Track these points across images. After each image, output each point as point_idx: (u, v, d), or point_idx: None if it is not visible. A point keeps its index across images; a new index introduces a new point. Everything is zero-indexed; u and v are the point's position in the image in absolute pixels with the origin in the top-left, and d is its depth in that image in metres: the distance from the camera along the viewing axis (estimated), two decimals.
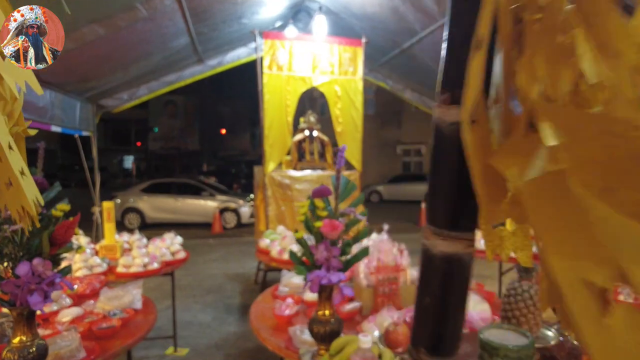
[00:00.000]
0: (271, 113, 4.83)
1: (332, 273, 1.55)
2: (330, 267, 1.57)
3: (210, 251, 8.42)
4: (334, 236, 1.58)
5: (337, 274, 1.54)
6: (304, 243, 1.67)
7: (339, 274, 1.54)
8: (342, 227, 1.60)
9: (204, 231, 12.25)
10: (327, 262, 1.57)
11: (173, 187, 13.76)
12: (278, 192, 4.90)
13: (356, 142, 5.21)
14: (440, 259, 0.65)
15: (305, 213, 1.65)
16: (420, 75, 6.45)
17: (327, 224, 1.59)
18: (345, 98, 5.13)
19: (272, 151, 4.87)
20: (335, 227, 1.57)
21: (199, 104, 42.39)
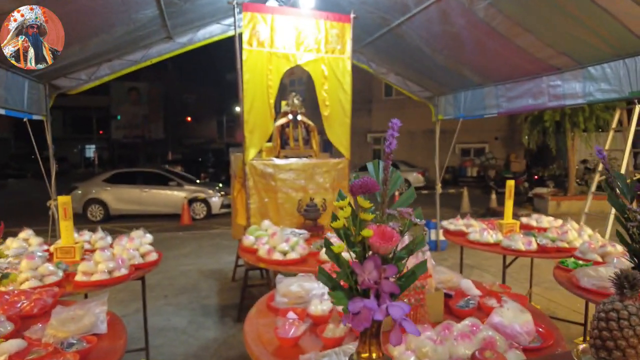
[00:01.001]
0: (251, 94, 4.26)
1: (388, 303, 1.06)
2: (381, 293, 1.09)
3: (180, 245, 7.78)
4: (387, 250, 1.09)
5: (399, 305, 1.05)
6: (342, 260, 1.17)
7: (401, 306, 1.05)
8: (398, 237, 1.11)
9: (172, 223, 11.54)
10: (377, 285, 1.08)
11: (138, 177, 12.92)
12: (260, 183, 4.36)
13: (344, 128, 4.73)
14: None
15: (345, 216, 1.15)
16: (407, 58, 6.01)
17: (379, 233, 1.09)
18: (332, 79, 4.61)
19: (252, 137, 4.32)
20: (390, 236, 1.08)
21: (163, 90, 40.70)
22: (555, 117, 9.99)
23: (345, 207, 1.13)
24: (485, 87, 5.84)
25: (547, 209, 10.46)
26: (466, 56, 5.29)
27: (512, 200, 4.42)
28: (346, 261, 1.15)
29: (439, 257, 6.79)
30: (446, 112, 6.83)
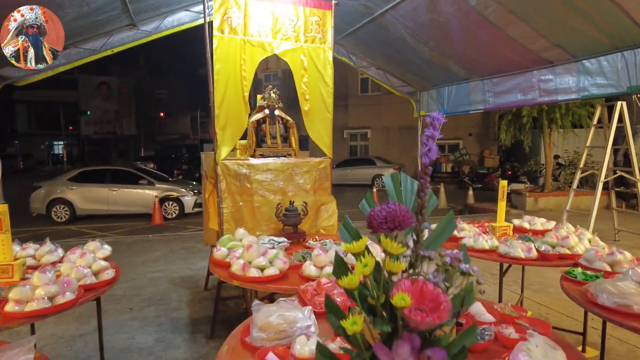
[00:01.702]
0: (223, 87, 3.78)
1: None
2: None
3: (150, 249, 7.21)
4: (432, 324, 0.67)
5: None
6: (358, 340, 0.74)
7: None
8: (449, 303, 0.69)
9: (143, 223, 10.90)
10: None
11: (107, 176, 12.17)
12: (234, 185, 3.89)
13: (326, 124, 4.30)
14: None
15: (365, 273, 0.72)
16: (390, 50, 5.62)
17: (416, 295, 0.67)
18: (312, 70, 4.18)
19: (225, 134, 3.84)
20: (436, 303, 0.66)
21: (135, 85, 39.35)
22: (532, 114, 9.84)
23: (366, 260, 0.70)
24: (471, 81, 5.51)
25: (524, 205, 10.33)
26: (453, 48, 4.94)
27: (504, 201, 4.11)
28: (361, 337, 0.72)
29: None
30: (429, 108, 6.49)
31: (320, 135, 4.29)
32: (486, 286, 5.31)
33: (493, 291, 5.14)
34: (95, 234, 9.91)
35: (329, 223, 4.22)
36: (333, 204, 4.27)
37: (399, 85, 6.55)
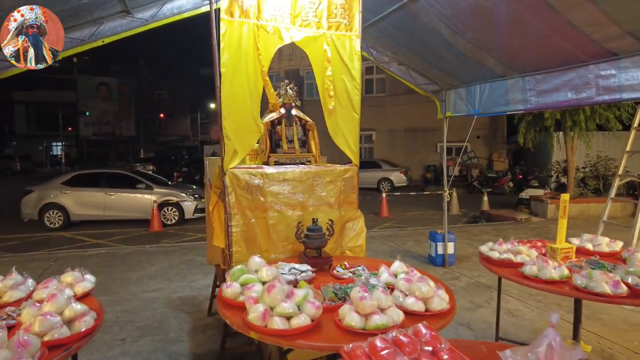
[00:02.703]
0: (232, 81, 3.11)
1: None
2: None
3: (146, 262, 6.53)
4: None
5: None
6: None
7: None
8: None
9: (141, 229, 10.25)
10: None
11: (102, 179, 11.51)
12: (244, 198, 3.22)
13: (352, 125, 3.63)
14: None
15: None
16: (417, 43, 4.96)
17: None
18: (337, 62, 3.51)
19: (236, 138, 3.17)
20: None
21: (135, 86, 38.65)
22: (555, 115, 9.19)
23: None
24: (509, 78, 4.85)
25: (545, 213, 9.68)
26: (494, 40, 4.28)
27: (566, 219, 3.45)
28: None
29: (449, 276, 5.80)
30: (456, 108, 5.83)
31: (345, 139, 3.62)
32: (525, 308, 4.65)
33: (532, 316, 4.48)
34: (89, 241, 9.26)
35: (356, 243, 3.56)
36: (361, 221, 3.60)
37: (423, 83, 5.89)
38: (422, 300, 2.26)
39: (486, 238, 8.05)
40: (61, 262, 6.47)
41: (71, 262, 6.48)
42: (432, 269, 6.07)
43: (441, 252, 6.18)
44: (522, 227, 9.03)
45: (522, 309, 4.67)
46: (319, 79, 3.55)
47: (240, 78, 3.17)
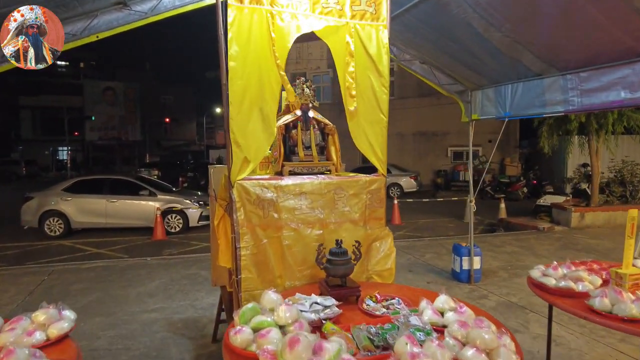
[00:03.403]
0: (243, 77, 2.63)
1: None
2: None
3: (146, 277, 6.04)
4: None
5: None
6: None
7: None
8: None
9: (144, 237, 9.82)
10: None
11: (104, 186, 11.07)
12: (255, 215, 2.73)
13: (378, 128, 3.14)
14: None
15: None
16: (444, 38, 4.46)
17: None
18: (361, 56, 3.02)
19: (246, 143, 2.68)
20: None
21: (140, 90, 38.36)
22: (580, 118, 8.66)
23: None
24: (546, 77, 4.34)
25: (569, 222, 9.11)
26: (536, 32, 3.78)
27: (634, 239, 2.92)
28: None
29: (476, 294, 5.27)
30: (483, 110, 5.33)
31: (370, 144, 3.13)
32: (568, 335, 4.11)
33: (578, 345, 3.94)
34: (90, 250, 8.82)
35: (384, 266, 3.05)
36: (389, 240, 3.10)
37: (447, 83, 5.39)
38: (485, 352, 1.75)
39: (510, 249, 7.52)
40: (55, 277, 6.00)
41: (66, 277, 6.03)
42: (457, 286, 5.55)
43: (466, 267, 5.65)
44: (546, 237, 8.47)
45: (565, 335, 4.14)
46: (340, 75, 3.06)
47: (251, 73, 2.69)
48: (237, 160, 2.70)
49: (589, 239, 8.15)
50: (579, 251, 7.29)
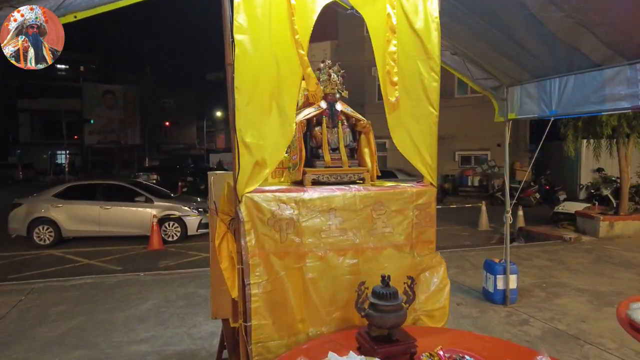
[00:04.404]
0: (254, 55, 1.94)
1: None
2: None
3: (137, 297, 5.31)
4: None
5: None
6: None
7: None
8: None
9: (139, 247, 9.13)
10: None
11: (98, 191, 10.37)
12: (269, 239, 2.03)
13: (426, 125, 2.42)
14: None
15: None
16: (484, 24, 3.76)
17: None
18: (405, 33, 2.34)
19: (259, 144, 1.98)
20: None
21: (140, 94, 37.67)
22: (612, 121, 7.98)
23: None
24: (607, 68, 3.65)
25: (597, 232, 8.40)
26: (608, 10, 3.09)
27: None
28: None
29: (516, 319, 4.54)
30: (523, 108, 4.63)
31: (415, 146, 2.42)
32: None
33: None
34: (81, 261, 8.12)
35: (436, 304, 2.33)
36: (442, 270, 2.39)
37: (481, 77, 4.71)
38: None
39: (539, 263, 6.80)
40: (35, 296, 5.27)
41: (46, 297, 5.30)
42: (491, 308, 4.83)
43: (501, 286, 4.93)
44: (575, 249, 7.76)
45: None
46: (378, 57, 2.36)
47: (265, 51, 1.99)
48: (246, 165, 1.99)
49: (623, 251, 7.43)
50: (617, 265, 6.57)
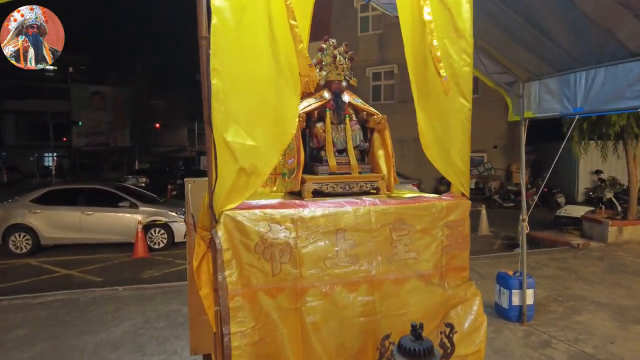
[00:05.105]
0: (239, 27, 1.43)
1: None
2: None
3: (114, 317, 4.73)
4: None
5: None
6: None
7: None
8: None
9: (123, 255, 8.55)
10: None
11: (80, 196, 9.74)
12: (257, 271, 1.51)
13: (456, 120, 1.92)
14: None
15: None
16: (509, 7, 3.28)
17: None
18: (435, 9, 1.84)
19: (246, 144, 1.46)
20: None
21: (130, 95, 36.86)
22: (620, 122, 7.57)
23: None
24: None
25: (605, 237, 7.97)
26: None
27: None
28: None
29: (536, 341, 4.05)
30: (541, 106, 4.15)
31: (443, 147, 1.92)
32: None
33: None
34: (58, 272, 7.52)
35: (470, 347, 1.82)
36: (477, 303, 1.88)
37: (494, 71, 4.23)
38: None
39: (550, 273, 6.33)
40: None
41: (9, 317, 4.70)
42: (506, 327, 4.34)
43: (517, 302, 4.44)
44: (585, 256, 7.31)
45: None
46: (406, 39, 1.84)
47: (255, 23, 1.47)
48: (227, 173, 1.47)
49: (636, 258, 7.01)
50: (632, 275, 6.13)
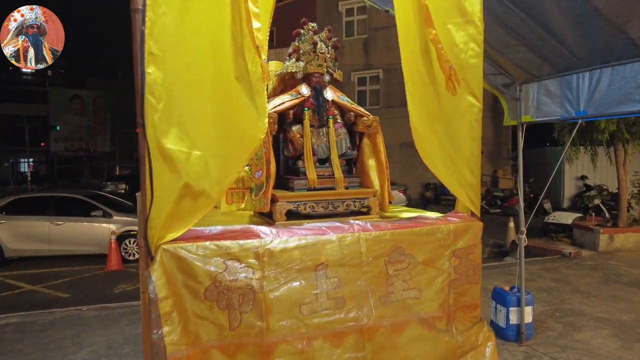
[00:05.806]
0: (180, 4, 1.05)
1: None
2: None
3: (73, 343, 4.23)
4: None
5: None
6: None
7: None
8: None
9: (96, 267, 8.06)
10: None
11: (49, 205, 9.19)
12: (207, 325, 1.11)
13: (464, 122, 1.56)
14: None
15: None
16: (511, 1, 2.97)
17: None
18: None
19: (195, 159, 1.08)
20: None
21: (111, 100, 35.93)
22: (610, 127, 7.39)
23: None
24: None
25: (596, 245, 7.76)
26: None
27: None
28: None
29: None
30: (540, 109, 3.85)
31: (448, 156, 1.55)
32: None
33: None
34: (22, 287, 6.98)
35: None
36: (490, 348, 1.50)
37: (490, 72, 3.92)
38: None
39: (544, 284, 6.05)
40: None
41: None
42: (504, 347, 3.99)
43: (515, 321, 4.11)
44: (578, 266, 7.07)
45: None
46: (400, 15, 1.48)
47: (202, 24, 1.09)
48: (166, 191, 1.08)
49: (629, 268, 6.79)
50: (628, 286, 5.89)
